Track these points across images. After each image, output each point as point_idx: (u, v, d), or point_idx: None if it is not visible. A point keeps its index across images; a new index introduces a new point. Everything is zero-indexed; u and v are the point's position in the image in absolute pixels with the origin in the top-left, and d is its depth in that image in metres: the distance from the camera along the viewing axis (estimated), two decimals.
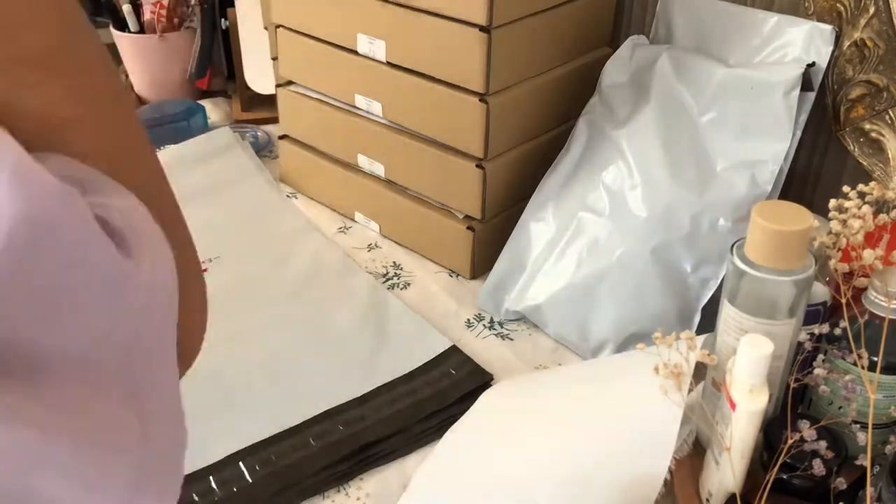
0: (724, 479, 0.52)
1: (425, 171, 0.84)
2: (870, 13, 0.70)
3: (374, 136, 0.87)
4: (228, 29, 1.15)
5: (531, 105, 0.82)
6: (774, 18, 0.75)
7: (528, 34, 0.77)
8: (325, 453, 0.62)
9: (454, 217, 0.84)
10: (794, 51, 0.73)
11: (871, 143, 0.73)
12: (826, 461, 0.50)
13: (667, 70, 0.77)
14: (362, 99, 0.86)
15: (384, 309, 0.79)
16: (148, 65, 1.21)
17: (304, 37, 0.89)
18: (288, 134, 0.99)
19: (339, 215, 0.96)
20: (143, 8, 1.17)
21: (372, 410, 0.66)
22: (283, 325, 0.77)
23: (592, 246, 0.73)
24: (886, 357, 0.53)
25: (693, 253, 0.70)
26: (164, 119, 1.08)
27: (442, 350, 0.73)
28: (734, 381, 0.50)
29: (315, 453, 0.62)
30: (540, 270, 0.76)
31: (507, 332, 0.77)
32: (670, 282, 0.69)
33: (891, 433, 0.54)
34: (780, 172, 0.70)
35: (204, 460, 0.62)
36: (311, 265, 0.86)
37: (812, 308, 0.58)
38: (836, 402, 0.58)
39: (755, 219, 0.52)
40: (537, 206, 0.79)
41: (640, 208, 0.72)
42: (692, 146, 0.73)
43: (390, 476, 0.62)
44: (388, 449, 0.64)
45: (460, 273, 0.85)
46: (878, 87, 0.71)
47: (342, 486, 0.61)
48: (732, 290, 0.54)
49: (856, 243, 0.53)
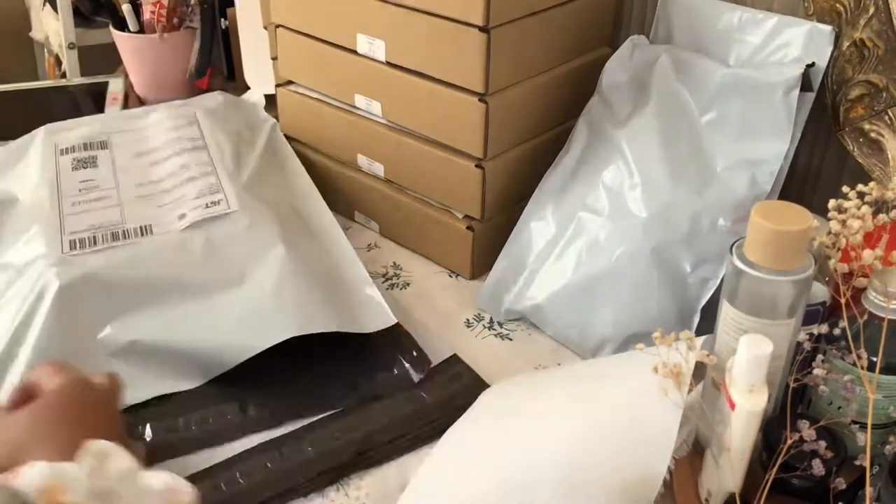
0: (723, 479, 0.52)
1: (425, 171, 0.84)
2: (869, 13, 0.70)
3: (374, 136, 0.87)
4: (228, 29, 1.15)
5: (531, 105, 0.82)
6: (774, 19, 0.75)
7: (527, 34, 0.78)
8: (321, 460, 0.62)
9: (454, 217, 0.84)
10: (794, 51, 0.73)
11: (870, 143, 0.73)
12: (825, 461, 0.50)
13: (667, 70, 0.77)
14: (362, 99, 0.86)
15: None
16: (148, 65, 1.21)
17: (304, 36, 0.90)
18: (287, 133, 0.99)
19: (338, 215, 0.96)
20: (142, 8, 1.17)
21: (366, 419, 0.66)
22: None
23: (592, 246, 0.73)
24: (886, 357, 0.54)
25: (693, 253, 0.70)
26: None
27: (442, 359, 0.72)
28: (734, 381, 0.50)
29: (312, 459, 0.62)
30: (539, 270, 0.76)
31: (507, 332, 0.77)
32: (670, 282, 0.69)
33: (890, 433, 0.54)
34: (780, 172, 0.70)
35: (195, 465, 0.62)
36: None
37: (811, 308, 0.58)
38: (836, 402, 0.58)
39: (755, 219, 0.52)
40: (537, 205, 0.79)
41: (639, 208, 0.72)
42: (692, 146, 0.73)
43: (390, 476, 0.62)
44: (385, 454, 0.63)
45: (460, 273, 0.86)
46: (877, 87, 0.71)
47: (342, 486, 0.61)
48: (732, 290, 0.55)
49: (855, 243, 0.53)
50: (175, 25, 1.19)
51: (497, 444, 0.58)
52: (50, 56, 1.55)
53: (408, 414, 0.66)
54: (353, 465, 0.62)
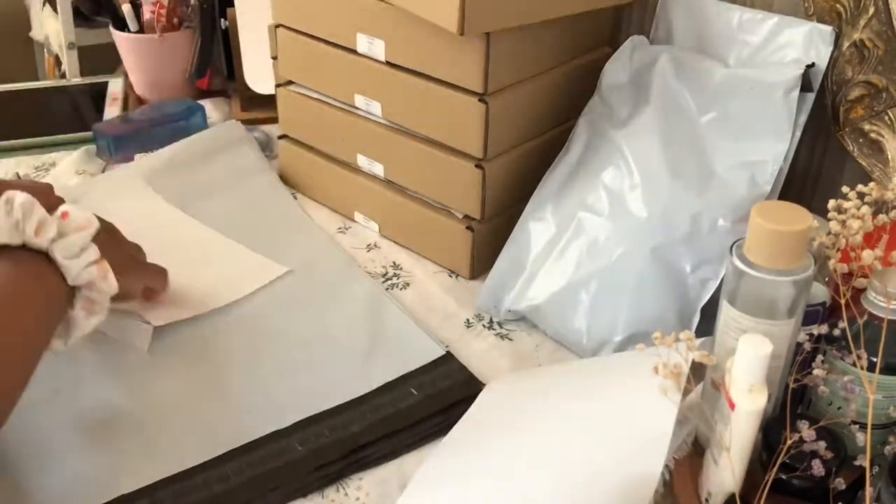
0: (723, 479, 0.52)
1: (425, 171, 0.84)
2: (869, 14, 0.70)
3: (374, 136, 0.87)
4: (228, 29, 1.15)
5: (531, 105, 0.82)
6: (774, 19, 0.75)
7: (527, 35, 0.77)
8: (312, 457, 0.62)
9: (454, 217, 0.84)
10: (794, 51, 0.73)
11: (870, 143, 0.73)
12: (825, 461, 0.50)
13: (667, 70, 0.77)
14: (362, 99, 0.86)
15: (380, 313, 0.78)
16: (147, 65, 1.21)
17: (304, 36, 0.90)
18: (287, 134, 0.99)
19: (338, 215, 0.96)
20: (142, 8, 1.17)
21: (359, 416, 0.66)
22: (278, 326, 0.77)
23: (592, 246, 0.73)
24: (885, 357, 0.54)
25: (692, 253, 0.70)
26: (164, 119, 1.08)
27: (435, 357, 0.72)
28: (733, 381, 0.50)
29: (302, 457, 0.62)
30: (539, 270, 0.76)
31: (507, 332, 0.77)
32: (669, 282, 0.69)
33: (890, 433, 0.54)
34: (780, 173, 0.70)
35: (181, 464, 0.62)
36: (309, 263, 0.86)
37: (811, 308, 0.58)
38: (836, 403, 0.58)
39: (754, 219, 0.52)
40: (537, 205, 0.79)
41: (639, 208, 0.72)
42: (692, 146, 0.73)
43: (390, 476, 0.62)
44: (378, 453, 0.63)
45: (460, 273, 0.86)
46: (877, 87, 0.71)
47: (341, 486, 0.61)
48: (731, 291, 0.55)
49: (855, 244, 0.53)
50: (175, 25, 1.19)
51: (496, 444, 0.58)
52: (50, 56, 1.55)
53: (401, 410, 0.66)
54: (345, 463, 0.62)
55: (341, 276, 0.84)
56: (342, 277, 0.84)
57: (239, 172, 1.01)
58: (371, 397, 0.68)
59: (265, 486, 0.60)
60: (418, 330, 0.76)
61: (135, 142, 1.04)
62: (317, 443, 0.63)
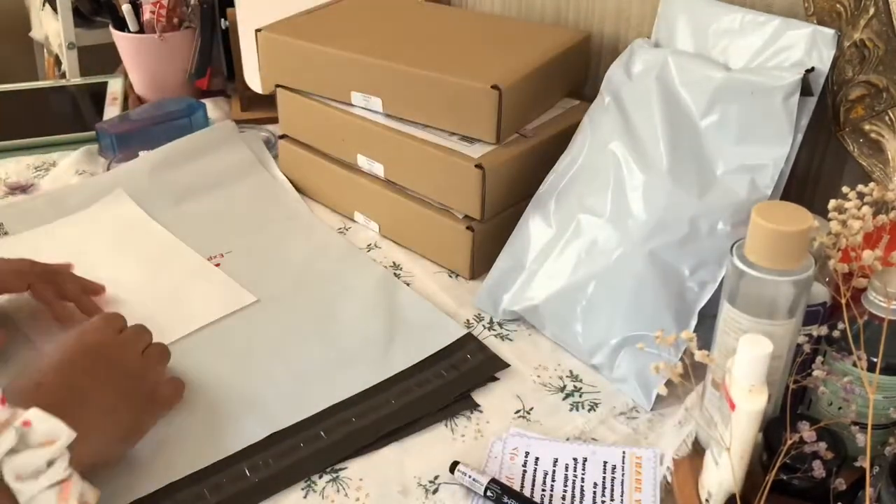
0: (723, 480, 0.52)
1: (425, 171, 0.84)
2: (869, 14, 0.70)
3: (374, 136, 0.87)
4: (228, 29, 1.15)
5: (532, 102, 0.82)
6: (776, 21, 0.74)
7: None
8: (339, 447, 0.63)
9: (454, 217, 0.84)
10: (796, 54, 0.73)
11: (870, 143, 0.73)
12: (826, 462, 0.50)
13: (668, 73, 0.77)
14: (360, 97, 0.86)
15: (395, 296, 0.80)
16: (148, 65, 1.21)
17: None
18: (287, 134, 0.99)
19: (338, 215, 0.96)
20: (142, 8, 1.17)
21: (385, 401, 0.67)
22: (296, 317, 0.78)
23: (591, 247, 0.73)
24: (886, 358, 0.53)
25: (691, 256, 0.70)
26: (165, 117, 1.08)
27: (457, 337, 0.74)
28: (733, 382, 0.50)
29: (327, 447, 0.63)
30: (538, 271, 0.76)
31: (507, 333, 0.77)
32: (668, 284, 0.69)
33: (890, 434, 0.54)
34: (781, 177, 0.70)
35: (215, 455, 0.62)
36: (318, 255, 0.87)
37: (812, 309, 0.58)
38: (836, 403, 0.58)
39: (755, 219, 0.52)
40: (537, 206, 0.79)
41: (639, 210, 0.71)
42: (692, 149, 0.73)
43: (390, 476, 0.62)
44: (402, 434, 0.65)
45: (460, 273, 0.85)
46: (877, 87, 0.71)
47: (341, 487, 0.61)
48: (732, 291, 0.55)
49: (855, 244, 0.53)
50: (175, 25, 1.19)
51: None
52: (50, 56, 1.55)
53: (431, 391, 0.68)
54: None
55: (349, 264, 0.86)
56: (350, 265, 0.86)
57: (240, 168, 1.02)
58: (399, 379, 0.69)
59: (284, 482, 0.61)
60: (437, 311, 0.78)
61: (137, 140, 1.05)
62: (343, 430, 0.64)
